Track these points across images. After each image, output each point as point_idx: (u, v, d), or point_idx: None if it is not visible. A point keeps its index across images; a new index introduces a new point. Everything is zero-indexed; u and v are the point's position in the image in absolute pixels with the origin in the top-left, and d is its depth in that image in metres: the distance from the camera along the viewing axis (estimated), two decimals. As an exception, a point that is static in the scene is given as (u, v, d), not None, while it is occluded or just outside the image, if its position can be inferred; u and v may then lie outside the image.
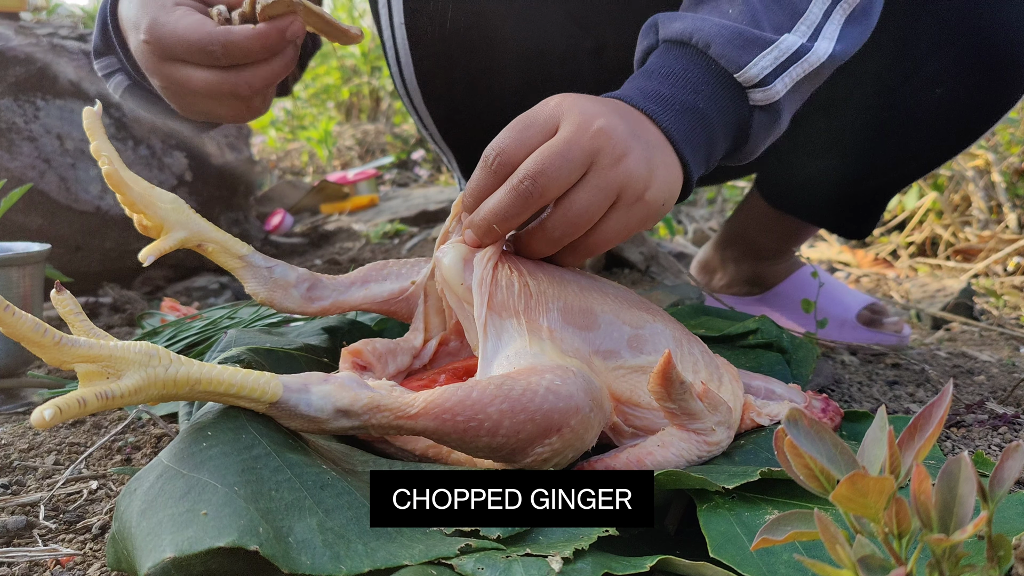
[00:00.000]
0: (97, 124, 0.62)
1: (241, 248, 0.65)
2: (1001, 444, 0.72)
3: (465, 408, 0.47)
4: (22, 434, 0.76)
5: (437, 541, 0.44)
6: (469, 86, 0.98)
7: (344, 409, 0.48)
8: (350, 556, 0.42)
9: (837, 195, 1.09)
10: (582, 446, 0.51)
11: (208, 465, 0.44)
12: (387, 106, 3.63)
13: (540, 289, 0.59)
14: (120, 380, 0.44)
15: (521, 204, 0.58)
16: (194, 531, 0.39)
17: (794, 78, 0.66)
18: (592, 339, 0.59)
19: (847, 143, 1.02)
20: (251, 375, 0.47)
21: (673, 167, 0.63)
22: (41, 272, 0.92)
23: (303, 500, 0.44)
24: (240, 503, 0.41)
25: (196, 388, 0.46)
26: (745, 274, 1.26)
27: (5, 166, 1.35)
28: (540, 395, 0.48)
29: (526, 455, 0.49)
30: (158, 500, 0.42)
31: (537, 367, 0.51)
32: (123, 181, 0.61)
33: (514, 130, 0.60)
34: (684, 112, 0.64)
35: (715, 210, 2.65)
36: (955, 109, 0.94)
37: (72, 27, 1.64)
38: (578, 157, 0.57)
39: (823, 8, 0.67)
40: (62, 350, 0.43)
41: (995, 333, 1.37)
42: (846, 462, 0.35)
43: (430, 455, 0.57)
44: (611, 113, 0.60)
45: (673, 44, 0.67)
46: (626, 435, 0.58)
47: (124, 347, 0.45)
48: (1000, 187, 2.12)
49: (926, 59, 0.92)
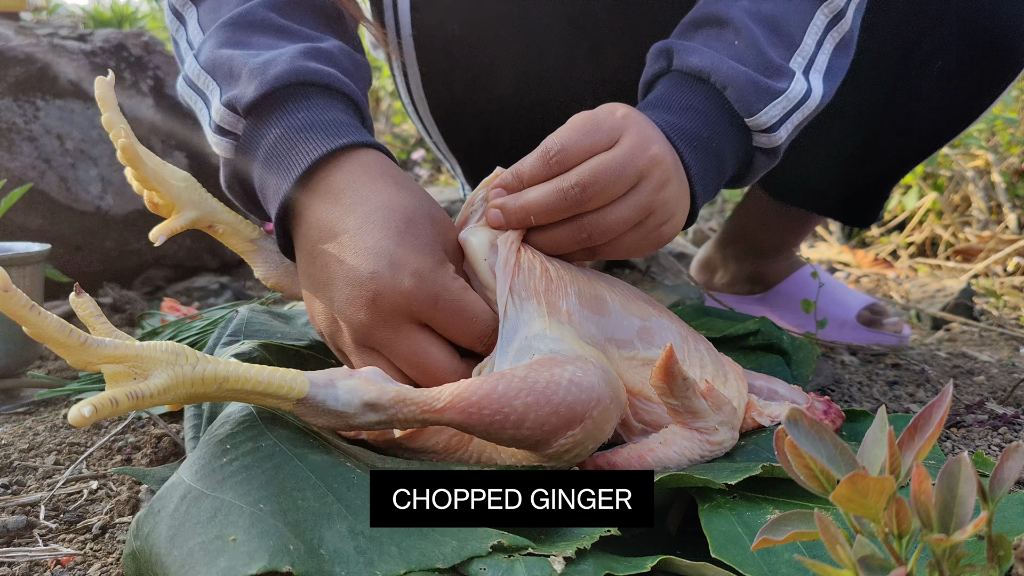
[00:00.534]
0: (110, 94, 0.60)
1: (252, 231, 0.65)
2: (1001, 444, 0.72)
3: (491, 402, 0.48)
4: (22, 434, 0.76)
5: (468, 535, 0.44)
6: (469, 93, 0.99)
7: (371, 403, 0.48)
8: (384, 560, 0.41)
9: (840, 182, 1.09)
10: (602, 437, 0.52)
11: (230, 482, 0.44)
12: (387, 106, 3.63)
13: (558, 274, 0.59)
14: (148, 380, 0.44)
15: (564, 206, 0.59)
16: (227, 560, 0.39)
17: (795, 123, 0.69)
18: (605, 325, 0.59)
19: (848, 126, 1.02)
20: (277, 372, 0.47)
21: (688, 200, 0.65)
22: (41, 272, 0.92)
23: (330, 505, 0.44)
24: (268, 521, 0.41)
25: (224, 386, 0.46)
26: (746, 272, 1.26)
27: (5, 166, 1.35)
28: (564, 387, 0.49)
29: (549, 445, 0.50)
30: (185, 525, 0.42)
31: (558, 358, 0.51)
32: (137, 155, 0.60)
33: (578, 131, 0.60)
34: (702, 150, 0.66)
35: (715, 210, 2.65)
36: (954, 85, 0.95)
37: (72, 27, 1.64)
38: (630, 176, 0.59)
39: (816, 39, 0.70)
40: (88, 351, 0.43)
41: (995, 333, 1.37)
42: (846, 462, 0.35)
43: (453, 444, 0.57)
44: (663, 141, 0.62)
45: (690, 77, 0.68)
46: (635, 431, 0.58)
47: (151, 347, 0.45)
48: (1000, 187, 2.12)
49: (925, 34, 0.92)
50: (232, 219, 0.64)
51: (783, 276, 1.24)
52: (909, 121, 1.00)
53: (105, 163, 1.46)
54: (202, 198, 0.63)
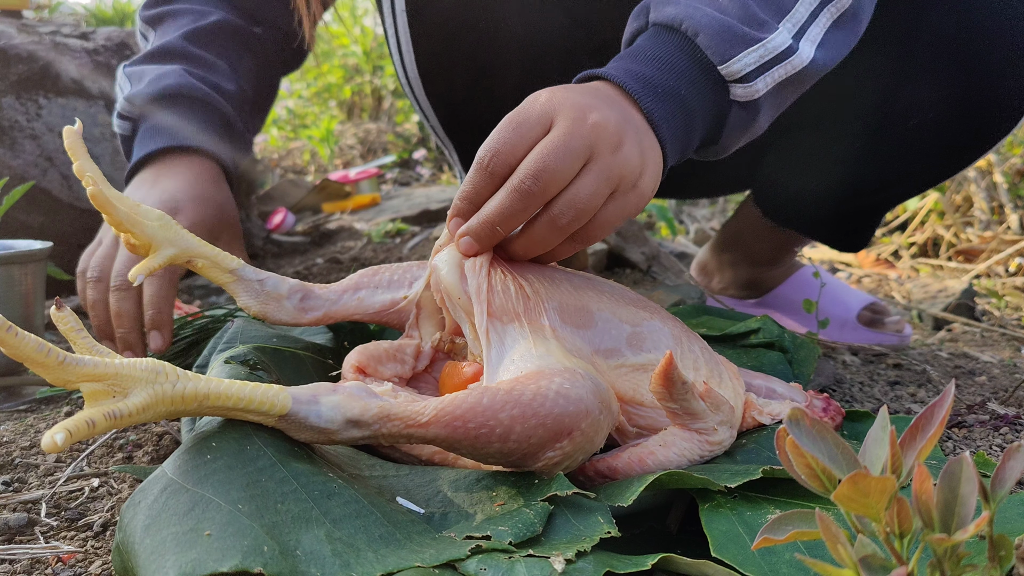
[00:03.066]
0: (79, 143, 0.61)
1: (231, 262, 0.65)
2: (1003, 445, 0.72)
3: (476, 415, 0.47)
4: (24, 431, 0.76)
5: (447, 545, 0.44)
6: (469, 75, 0.98)
7: (355, 419, 0.47)
8: (360, 563, 0.41)
9: (831, 210, 1.09)
10: (592, 448, 0.51)
11: (212, 480, 0.44)
12: (389, 105, 3.63)
13: (534, 289, 0.58)
14: (127, 398, 0.43)
15: (525, 204, 0.57)
16: (197, 553, 0.39)
17: (776, 79, 0.66)
18: (591, 338, 0.58)
19: (839, 160, 1.02)
20: (259, 388, 0.47)
21: (656, 151, 0.63)
22: (43, 270, 0.92)
23: (309, 511, 0.44)
24: (244, 521, 0.41)
25: (204, 404, 0.46)
26: (742, 278, 1.26)
27: (7, 164, 1.35)
28: (551, 399, 0.48)
29: (537, 460, 0.49)
30: (161, 516, 0.42)
31: (545, 371, 0.50)
32: (108, 201, 0.61)
33: (507, 130, 0.59)
34: (666, 96, 0.64)
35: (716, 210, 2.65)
36: (946, 135, 0.94)
37: (74, 25, 1.64)
38: (579, 150, 0.57)
39: (809, 9, 0.68)
40: (66, 370, 0.43)
41: (996, 334, 1.37)
42: (847, 462, 0.35)
43: (436, 460, 0.56)
44: (602, 104, 0.60)
45: (662, 28, 0.67)
46: (630, 435, 0.58)
47: (130, 364, 0.44)
48: (1002, 188, 2.12)
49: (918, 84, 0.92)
50: (210, 252, 0.64)
51: (779, 281, 1.24)
52: (901, 163, 0.99)
53: (107, 161, 1.46)
54: (178, 235, 0.63)
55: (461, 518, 0.48)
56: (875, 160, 1.00)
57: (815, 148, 1.03)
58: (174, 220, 0.64)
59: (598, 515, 0.47)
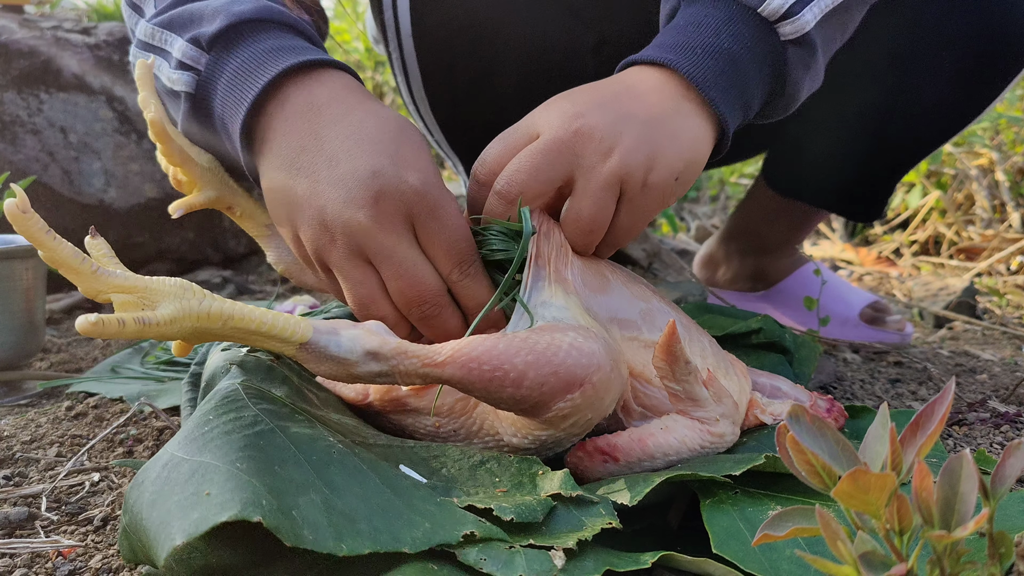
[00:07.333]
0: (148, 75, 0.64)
1: (267, 217, 0.67)
2: (1003, 442, 0.72)
3: (492, 358, 0.48)
4: (24, 426, 0.76)
5: (445, 520, 0.44)
6: (472, 89, 0.98)
7: (373, 351, 0.49)
8: (352, 535, 0.41)
9: (844, 177, 1.09)
10: (601, 408, 0.51)
11: (211, 446, 0.44)
12: (390, 101, 3.62)
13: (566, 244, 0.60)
14: (156, 310, 0.45)
15: (504, 208, 0.59)
16: (200, 512, 0.39)
17: (823, 8, 0.62)
18: (607, 304, 0.59)
19: (853, 121, 1.01)
20: (281, 316, 0.48)
21: (688, 129, 0.60)
22: (43, 265, 0.92)
23: (308, 478, 0.44)
24: (243, 478, 0.41)
25: (228, 324, 0.47)
26: (749, 268, 1.26)
27: (9, 159, 1.35)
28: (564, 350, 0.49)
29: (548, 409, 0.49)
30: (165, 489, 0.42)
31: (559, 325, 0.52)
32: (166, 132, 0.63)
33: (496, 142, 0.61)
34: (708, 55, 0.60)
35: (718, 207, 2.64)
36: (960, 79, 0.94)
37: (76, 20, 1.64)
38: (558, 156, 0.58)
39: None
40: (99, 279, 0.45)
41: (997, 332, 1.37)
42: (848, 458, 0.35)
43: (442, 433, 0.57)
44: (592, 110, 0.59)
45: None
46: (635, 414, 0.58)
47: (160, 280, 0.47)
48: (1004, 186, 2.12)
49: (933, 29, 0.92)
50: (249, 203, 0.67)
51: (786, 273, 1.23)
52: (915, 116, 0.99)
53: (108, 156, 1.46)
54: (223, 180, 0.66)
55: (462, 494, 0.48)
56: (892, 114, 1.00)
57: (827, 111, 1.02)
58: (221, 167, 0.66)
59: (600, 506, 0.47)
